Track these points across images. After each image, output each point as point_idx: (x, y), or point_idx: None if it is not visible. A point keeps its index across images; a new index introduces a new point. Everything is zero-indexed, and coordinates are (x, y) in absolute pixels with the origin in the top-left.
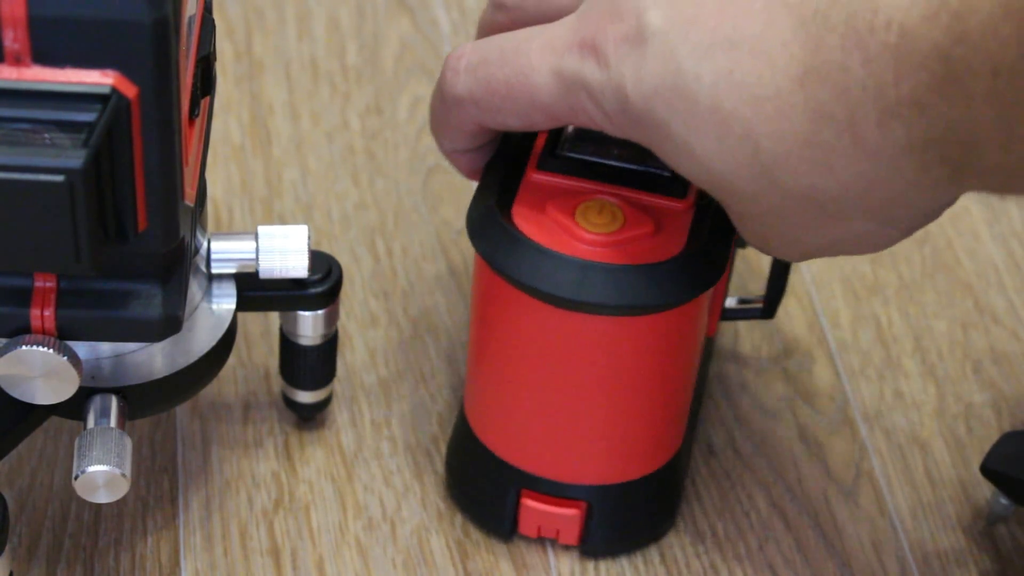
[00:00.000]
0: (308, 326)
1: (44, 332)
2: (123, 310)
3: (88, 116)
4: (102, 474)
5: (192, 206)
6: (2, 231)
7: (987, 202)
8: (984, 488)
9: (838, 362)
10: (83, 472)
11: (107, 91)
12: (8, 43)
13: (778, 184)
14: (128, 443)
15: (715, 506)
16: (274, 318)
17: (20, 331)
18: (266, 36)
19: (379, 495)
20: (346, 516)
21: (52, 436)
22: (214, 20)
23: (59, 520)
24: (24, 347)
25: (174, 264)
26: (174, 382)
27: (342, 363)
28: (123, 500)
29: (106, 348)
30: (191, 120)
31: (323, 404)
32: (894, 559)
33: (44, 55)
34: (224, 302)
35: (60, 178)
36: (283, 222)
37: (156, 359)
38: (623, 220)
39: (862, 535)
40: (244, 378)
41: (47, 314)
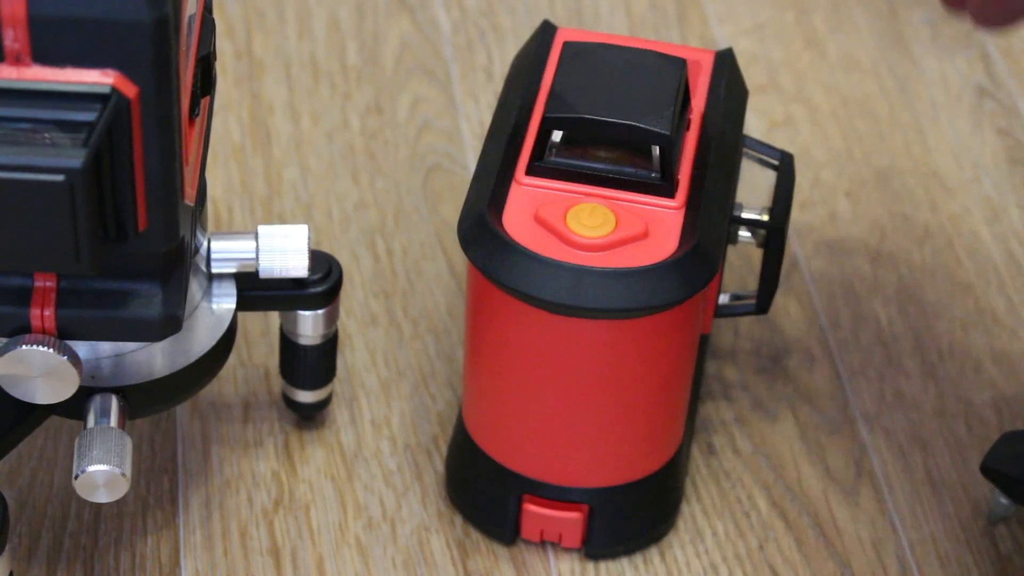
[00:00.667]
0: (308, 326)
1: (44, 332)
2: (123, 310)
3: (88, 116)
4: (102, 474)
5: (192, 206)
6: (2, 231)
7: (988, 202)
8: (984, 488)
9: (838, 362)
10: (83, 472)
11: (107, 91)
12: (8, 43)
13: None
14: (128, 443)
15: (715, 506)
16: (274, 318)
17: (20, 331)
18: (266, 36)
19: (379, 495)
20: (346, 516)
21: (52, 436)
22: (214, 20)
23: (59, 520)
24: (24, 347)
25: (174, 264)
26: (174, 382)
27: (342, 363)
28: (123, 499)
29: (106, 348)
30: (191, 120)
31: (323, 404)
32: (894, 559)
33: (44, 55)
34: (224, 302)
35: (60, 178)
36: (283, 222)
37: (156, 359)
38: (615, 223)
39: (862, 535)
40: (244, 378)
41: (47, 314)
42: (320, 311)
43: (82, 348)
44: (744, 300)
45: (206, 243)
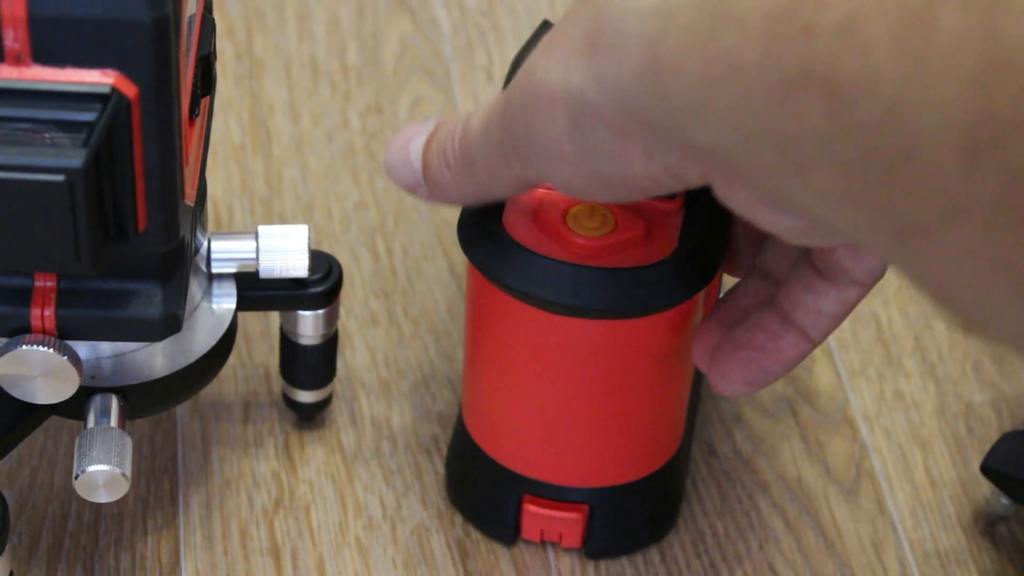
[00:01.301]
0: (308, 326)
1: (44, 332)
2: (123, 310)
3: (88, 116)
4: (102, 474)
5: (192, 206)
6: (2, 231)
7: None
8: (984, 488)
9: (838, 362)
10: (83, 472)
11: (107, 91)
12: (8, 43)
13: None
14: (128, 443)
15: (715, 506)
16: (274, 317)
17: (20, 331)
18: (266, 36)
19: (379, 495)
20: (346, 516)
21: (52, 436)
22: (214, 20)
23: (59, 520)
24: (24, 347)
25: (174, 264)
26: (174, 382)
27: (342, 363)
28: (123, 500)
29: (106, 348)
30: (191, 120)
31: (323, 404)
32: (894, 559)
33: (44, 55)
34: (224, 302)
35: (60, 178)
36: (283, 222)
37: (156, 359)
38: (614, 223)
39: (862, 535)
40: (244, 378)
41: (47, 314)
42: (320, 311)
43: (82, 348)
44: None
45: (206, 243)
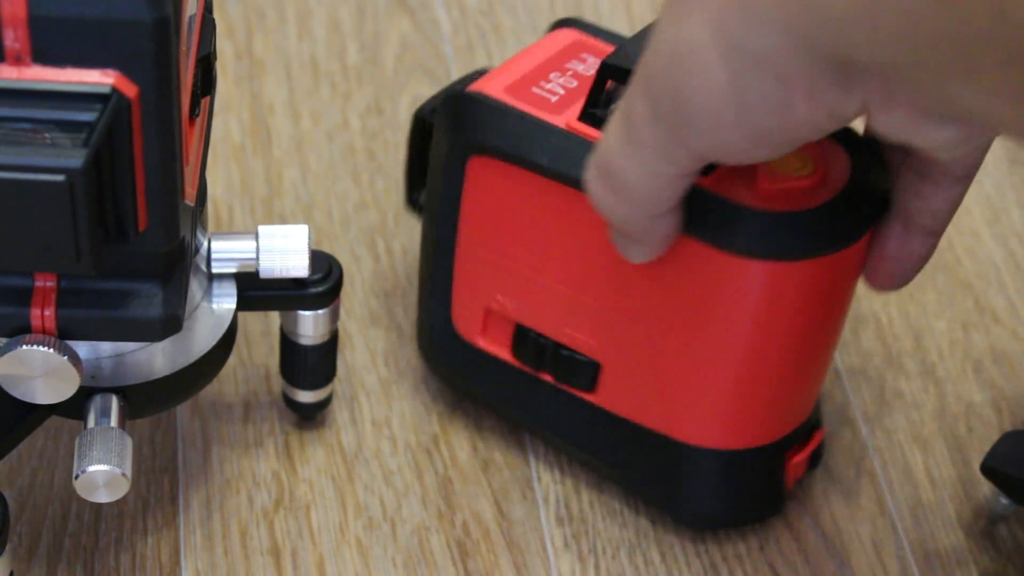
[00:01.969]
0: (308, 326)
1: (44, 332)
2: (123, 310)
3: (88, 116)
4: (102, 474)
5: (192, 206)
6: (2, 231)
7: (988, 202)
8: (984, 488)
9: (838, 362)
10: (83, 472)
11: (107, 91)
12: (8, 43)
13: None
14: (128, 443)
15: None
16: (274, 317)
17: (20, 331)
18: (266, 36)
19: (379, 495)
20: (346, 516)
21: (52, 436)
22: (214, 20)
23: (59, 520)
24: (24, 347)
25: (174, 264)
26: (174, 382)
27: (342, 363)
28: (123, 500)
29: (106, 348)
30: (191, 120)
31: (323, 404)
32: (894, 559)
33: (45, 55)
34: (224, 302)
35: (60, 178)
36: (283, 222)
37: (156, 359)
38: (813, 165)
39: (862, 535)
40: (244, 378)
41: (47, 314)
42: (320, 311)
43: (82, 348)
44: None
45: (206, 243)
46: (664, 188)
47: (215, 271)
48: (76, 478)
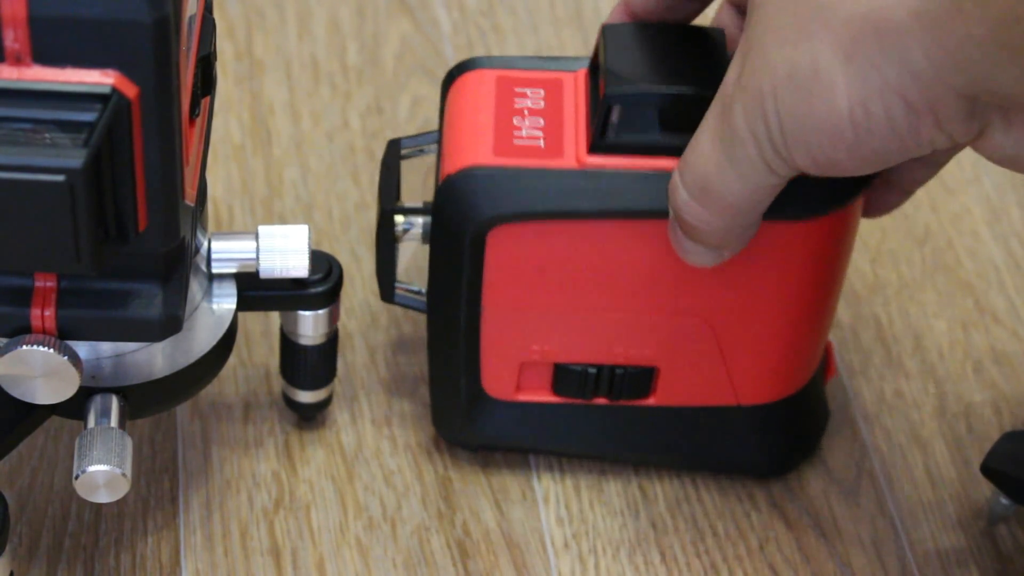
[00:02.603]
0: (309, 326)
1: (45, 332)
2: (123, 310)
3: (88, 116)
4: (103, 474)
5: (192, 206)
6: (2, 231)
7: (988, 202)
8: (984, 488)
9: (838, 362)
10: (84, 472)
11: (107, 91)
12: (8, 43)
13: None
14: (129, 443)
15: (715, 506)
16: (274, 318)
17: (21, 331)
18: (267, 36)
19: (379, 495)
20: (346, 516)
21: (52, 436)
22: (214, 20)
23: (59, 520)
24: (25, 347)
25: (174, 264)
26: (175, 382)
27: (342, 363)
28: (123, 500)
29: (107, 348)
30: (191, 120)
31: (323, 404)
32: (894, 559)
33: (45, 55)
34: (224, 302)
35: (60, 178)
36: (283, 222)
37: (157, 359)
38: None
39: (862, 535)
40: (244, 378)
41: (47, 314)
42: (321, 311)
43: (82, 348)
44: None
45: (206, 243)
46: (764, 200)
47: (215, 271)
48: (76, 478)
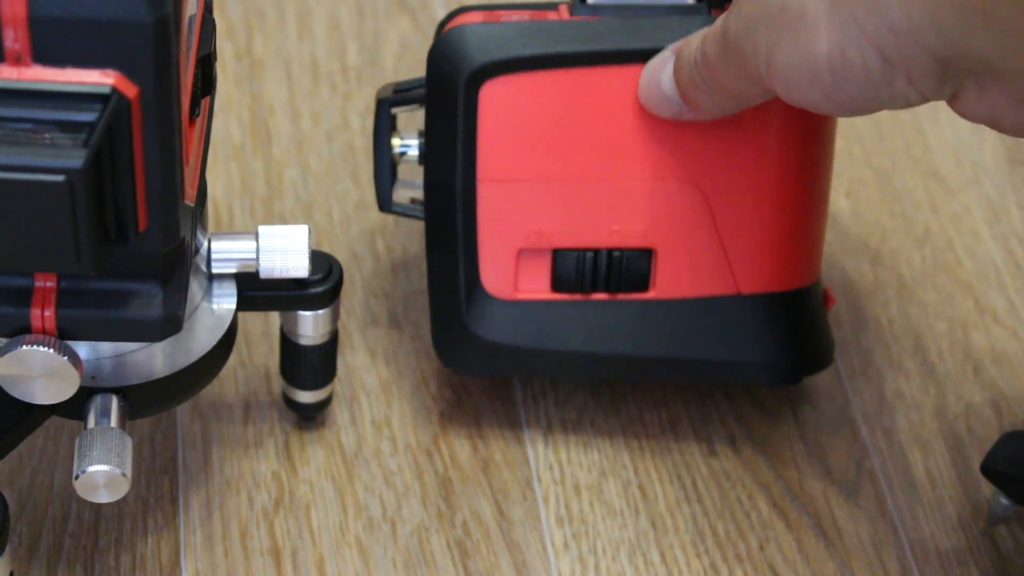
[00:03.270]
0: (309, 326)
1: (44, 332)
2: (123, 310)
3: (88, 116)
4: (103, 474)
5: (192, 206)
6: (2, 231)
7: (988, 202)
8: (984, 488)
9: (838, 362)
10: (83, 472)
11: (107, 91)
12: (8, 43)
13: None
14: (128, 443)
15: (715, 506)
16: (274, 318)
17: (20, 331)
18: (266, 36)
19: (379, 495)
20: (346, 516)
21: (52, 436)
22: (214, 20)
23: (59, 520)
24: (24, 347)
25: (174, 264)
26: (175, 382)
27: (342, 363)
28: (123, 500)
29: (107, 348)
30: (191, 120)
31: (323, 404)
32: (894, 559)
33: (45, 55)
34: (224, 302)
35: (60, 178)
36: (283, 222)
37: (157, 359)
38: None
39: (862, 535)
40: (244, 378)
41: (47, 314)
42: (321, 311)
43: (82, 348)
44: None
45: (206, 243)
46: (752, 101)
47: (215, 271)
48: (76, 478)
